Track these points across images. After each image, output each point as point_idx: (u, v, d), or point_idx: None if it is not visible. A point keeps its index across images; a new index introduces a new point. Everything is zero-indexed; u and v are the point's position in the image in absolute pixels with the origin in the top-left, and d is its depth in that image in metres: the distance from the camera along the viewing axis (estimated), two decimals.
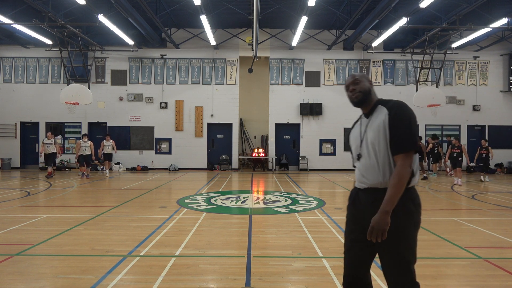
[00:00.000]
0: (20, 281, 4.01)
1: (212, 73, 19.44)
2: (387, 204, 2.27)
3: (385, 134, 2.37)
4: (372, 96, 2.60)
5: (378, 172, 2.39)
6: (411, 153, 2.33)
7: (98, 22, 14.28)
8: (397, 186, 2.27)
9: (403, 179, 2.28)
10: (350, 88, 2.61)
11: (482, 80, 19.61)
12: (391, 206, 2.27)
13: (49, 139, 14.77)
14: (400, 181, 2.28)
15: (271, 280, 4.09)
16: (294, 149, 19.83)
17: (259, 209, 8.40)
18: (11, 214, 7.72)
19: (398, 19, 14.84)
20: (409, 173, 2.30)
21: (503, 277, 4.28)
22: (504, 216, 7.94)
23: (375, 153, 2.41)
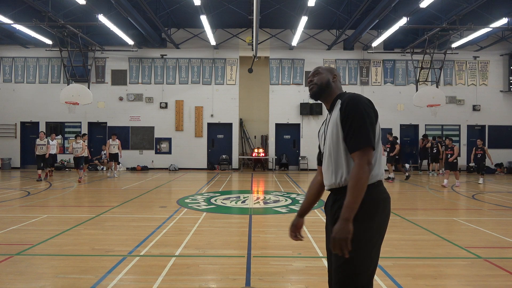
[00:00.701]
0: (20, 281, 4.01)
1: (212, 73, 19.44)
2: (346, 210, 2.00)
3: (337, 131, 2.16)
4: (333, 90, 2.37)
5: (333, 172, 2.21)
6: (367, 149, 2.06)
7: (98, 22, 14.28)
8: (355, 188, 2.01)
9: (361, 180, 2.02)
10: (309, 79, 2.43)
11: (482, 80, 19.61)
12: (351, 212, 2.00)
13: (41, 140, 14.02)
14: (357, 182, 2.02)
15: (271, 280, 4.09)
16: (294, 149, 19.83)
17: (259, 209, 8.40)
18: (11, 214, 7.72)
19: (398, 19, 14.83)
20: (367, 172, 2.03)
21: (503, 277, 4.28)
22: (504, 216, 7.94)
23: (331, 152, 2.21)
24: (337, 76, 2.42)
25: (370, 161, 2.06)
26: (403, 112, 19.32)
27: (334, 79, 2.39)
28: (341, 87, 2.42)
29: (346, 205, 2.01)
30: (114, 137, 15.71)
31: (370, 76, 19.47)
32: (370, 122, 2.10)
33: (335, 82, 2.39)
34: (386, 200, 2.18)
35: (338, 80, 2.42)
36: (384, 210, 2.15)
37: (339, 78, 2.44)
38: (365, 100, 2.17)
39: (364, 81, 19.48)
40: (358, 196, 2.01)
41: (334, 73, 2.41)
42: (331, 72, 2.41)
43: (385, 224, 2.18)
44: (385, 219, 2.16)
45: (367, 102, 2.15)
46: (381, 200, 2.14)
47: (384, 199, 2.16)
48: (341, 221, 2.00)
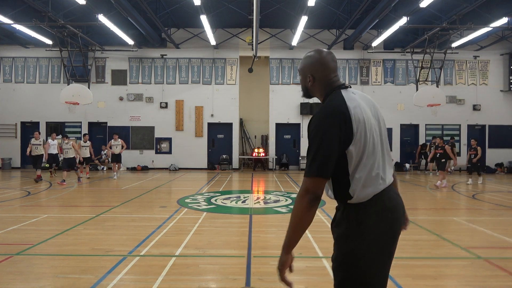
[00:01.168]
0: (20, 281, 4.01)
1: (212, 73, 19.44)
2: (285, 240, 1.92)
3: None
4: (316, 93, 2.10)
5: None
6: (310, 178, 1.82)
7: (98, 22, 14.28)
8: (290, 219, 1.87)
9: (294, 210, 1.85)
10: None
11: (482, 79, 19.60)
12: (287, 241, 1.91)
13: (36, 139, 13.52)
14: (292, 213, 1.86)
15: (271, 280, 4.08)
16: (294, 149, 19.83)
17: (259, 209, 8.40)
18: (11, 213, 7.72)
19: (398, 18, 14.83)
20: (303, 202, 1.81)
21: (503, 277, 4.28)
22: (504, 216, 7.94)
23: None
24: (315, 73, 2.04)
25: (313, 190, 1.81)
26: (403, 112, 19.31)
27: (311, 82, 2.06)
28: (328, 80, 2.03)
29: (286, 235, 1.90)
30: (115, 136, 15.03)
31: (370, 75, 19.47)
32: (323, 148, 1.81)
33: (316, 82, 2.05)
34: (382, 215, 1.89)
35: (319, 76, 2.03)
36: (379, 227, 1.87)
37: (321, 72, 2.03)
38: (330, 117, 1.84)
39: (364, 81, 19.47)
40: (293, 226, 1.86)
41: (309, 74, 2.06)
42: (305, 74, 2.08)
43: (384, 241, 1.90)
44: (382, 235, 1.88)
45: (328, 120, 1.84)
46: (372, 216, 1.87)
47: (378, 213, 1.88)
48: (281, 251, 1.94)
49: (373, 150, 1.90)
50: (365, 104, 1.98)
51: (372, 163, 1.89)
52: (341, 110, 1.86)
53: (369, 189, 1.88)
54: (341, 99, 1.91)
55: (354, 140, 1.84)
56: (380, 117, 2.03)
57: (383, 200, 1.90)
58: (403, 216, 2.03)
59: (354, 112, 1.86)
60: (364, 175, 1.87)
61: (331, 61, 2.05)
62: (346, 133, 1.83)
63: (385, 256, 1.93)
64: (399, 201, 2.01)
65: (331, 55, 2.08)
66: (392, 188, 1.99)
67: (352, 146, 1.84)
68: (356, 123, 1.85)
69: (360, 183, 1.87)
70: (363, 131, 1.86)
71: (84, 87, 15.36)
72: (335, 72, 2.05)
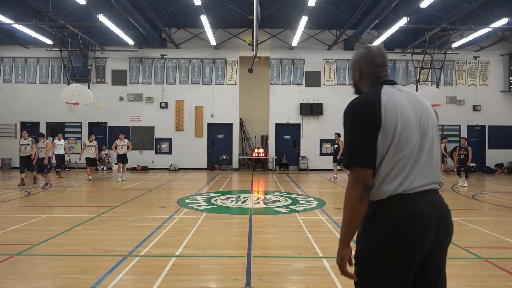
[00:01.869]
0: (20, 281, 4.01)
1: (212, 73, 19.44)
2: (340, 233, 1.87)
3: None
4: (363, 89, 2.09)
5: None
6: (354, 168, 1.80)
7: (98, 22, 14.28)
8: (343, 209, 1.84)
9: (346, 201, 1.81)
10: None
11: (482, 80, 19.60)
12: (342, 235, 1.85)
13: (25, 139, 12.46)
14: (344, 203, 1.83)
15: (271, 280, 4.09)
16: (294, 149, 19.83)
17: (259, 209, 8.40)
18: (11, 214, 7.72)
19: (398, 19, 14.83)
20: (353, 192, 1.78)
21: (503, 277, 4.28)
22: (504, 216, 7.94)
23: None
24: (364, 68, 2.05)
25: (359, 180, 1.78)
26: None
27: (358, 77, 2.08)
28: (375, 75, 2.02)
29: (341, 227, 1.87)
30: (122, 136, 14.18)
31: None
32: (355, 136, 1.82)
33: (363, 77, 2.06)
34: (401, 221, 1.77)
35: (366, 71, 2.04)
36: (397, 234, 1.76)
37: (368, 67, 2.04)
38: (357, 105, 1.86)
39: None
40: (346, 219, 1.82)
41: (358, 69, 2.08)
42: (354, 69, 2.10)
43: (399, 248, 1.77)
44: (398, 242, 1.76)
45: (356, 108, 1.85)
46: (387, 221, 1.79)
47: (395, 219, 1.78)
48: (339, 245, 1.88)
49: (404, 147, 1.81)
50: (408, 102, 1.89)
51: (401, 160, 1.81)
52: (371, 99, 1.85)
53: (388, 187, 1.81)
54: (377, 91, 1.90)
55: (382, 131, 1.79)
56: (427, 120, 1.92)
57: (406, 205, 1.79)
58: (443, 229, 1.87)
59: (386, 104, 1.82)
60: (387, 171, 1.81)
61: (379, 56, 2.03)
62: (374, 122, 1.80)
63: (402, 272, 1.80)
64: (435, 211, 1.85)
65: (379, 50, 2.06)
66: (429, 195, 1.85)
67: (380, 137, 1.80)
68: (385, 114, 1.80)
69: (381, 178, 1.82)
70: (394, 124, 1.80)
71: (84, 87, 15.35)
72: (383, 68, 2.03)
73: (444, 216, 1.89)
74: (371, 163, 1.80)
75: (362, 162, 1.79)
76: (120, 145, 13.98)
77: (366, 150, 1.80)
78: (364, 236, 1.86)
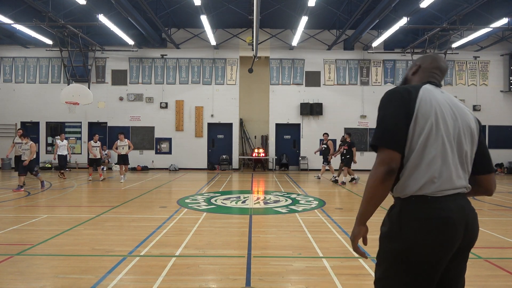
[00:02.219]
0: (20, 281, 4.01)
1: (212, 73, 19.45)
2: (358, 211, 1.89)
3: None
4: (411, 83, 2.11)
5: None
6: (380, 149, 1.81)
7: (98, 22, 14.29)
8: (365, 189, 1.83)
9: (369, 181, 1.80)
10: None
11: (482, 80, 19.61)
12: (359, 213, 1.87)
13: (20, 138, 11.73)
14: (366, 183, 1.83)
15: (271, 280, 4.09)
16: (294, 149, 19.83)
17: (259, 209, 8.40)
18: (11, 214, 7.72)
19: (398, 19, 14.83)
20: (376, 174, 1.77)
21: (503, 277, 4.28)
22: (504, 216, 7.94)
23: None
24: (424, 64, 2.08)
25: (384, 161, 1.77)
26: None
27: (414, 70, 2.10)
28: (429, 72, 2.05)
29: (360, 207, 1.88)
30: (121, 136, 13.68)
31: (371, 76, 19.47)
32: (385, 117, 1.84)
33: (419, 71, 2.08)
34: (427, 223, 1.74)
35: (425, 66, 2.07)
36: (424, 237, 1.73)
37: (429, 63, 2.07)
38: (394, 91, 1.89)
39: (364, 81, 19.48)
40: (365, 198, 1.82)
41: (417, 64, 2.11)
42: (414, 63, 2.14)
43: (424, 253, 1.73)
44: (424, 247, 1.73)
45: (392, 96, 1.87)
46: (415, 223, 1.75)
47: (422, 221, 1.75)
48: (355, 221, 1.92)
49: (434, 143, 1.79)
50: (447, 102, 1.89)
51: (430, 156, 1.79)
52: (409, 89, 1.88)
53: (415, 183, 1.79)
54: (418, 85, 1.92)
55: (414, 120, 1.80)
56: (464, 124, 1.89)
57: (435, 208, 1.76)
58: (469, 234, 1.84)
59: (422, 97, 1.84)
60: (415, 164, 1.80)
61: (442, 62, 2.08)
62: (408, 109, 1.81)
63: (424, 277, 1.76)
64: (464, 215, 1.82)
65: (445, 61, 2.12)
66: (458, 199, 1.83)
67: (411, 126, 1.80)
68: (420, 104, 1.81)
69: (408, 171, 1.81)
70: (426, 117, 1.80)
71: (84, 87, 15.37)
72: (440, 72, 2.06)
73: (471, 220, 1.86)
74: (399, 147, 1.79)
75: (390, 143, 1.79)
76: (121, 146, 13.56)
77: (396, 133, 1.79)
78: (388, 237, 1.83)
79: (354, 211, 8.24)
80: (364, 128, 19.42)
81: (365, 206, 1.83)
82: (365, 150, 19.42)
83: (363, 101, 19.42)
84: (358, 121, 19.43)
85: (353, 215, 7.86)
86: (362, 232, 1.88)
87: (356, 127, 19.38)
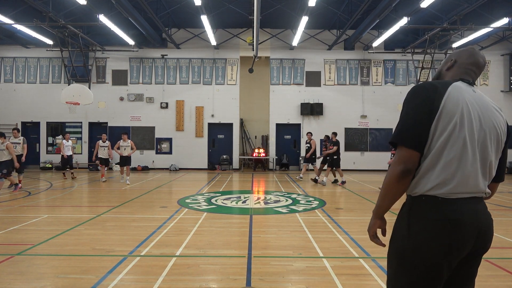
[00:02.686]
0: (21, 281, 4.01)
1: (213, 73, 19.45)
2: (376, 204, 1.92)
3: None
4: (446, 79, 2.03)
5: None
6: (399, 147, 1.79)
7: (98, 22, 14.30)
8: (383, 183, 1.85)
9: (386, 177, 1.81)
10: None
11: (483, 80, 19.60)
12: (376, 206, 1.90)
13: (15, 138, 11.41)
14: (384, 178, 1.83)
15: (271, 280, 4.09)
16: (294, 149, 19.83)
17: (260, 209, 8.40)
18: (11, 214, 7.72)
19: (398, 19, 14.83)
20: (393, 172, 1.76)
21: (504, 277, 4.28)
22: (504, 216, 7.94)
23: None
24: (460, 59, 2.01)
25: (402, 160, 1.75)
26: None
27: (450, 65, 2.03)
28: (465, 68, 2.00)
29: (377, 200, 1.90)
30: (125, 137, 13.09)
31: (371, 76, 19.47)
32: (409, 116, 1.78)
33: (454, 66, 2.02)
34: (437, 225, 1.70)
35: (461, 62, 2.01)
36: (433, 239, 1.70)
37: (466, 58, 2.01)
38: (420, 87, 1.82)
39: (364, 81, 19.48)
40: (382, 193, 1.84)
41: (451, 59, 2.04)
42: (449, 58, 2.06)
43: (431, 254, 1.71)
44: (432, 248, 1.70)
45: (417, 92, 1.81)
46: (425, 224, 1.72)
47: (433, 222, 1.71)
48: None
49: (455, 143, 1.73)
50: (476, 102, 1.83)
51: (449, 156, 1.73)
52: (436, 85, 1.81)
53: (428, 182, 1.75)
54: (448, 82, 1.86)
55: (438, 117, 1.74)
56: (492, 126, 1.84)
57: (445, 209, 1.71)
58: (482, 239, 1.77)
59: (450, 94, 1.77)
60: (432, 163, 1.75)
61: (480, 57, 2.00)
62: (432, 105, 1.75)
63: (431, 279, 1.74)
64: (476, 219, 1.74)
65: (483, 56, 2.04)
66: (471, 203, 1.75)
67: (434, 124, 1.74)
68: (446, 101, 1.75)
69: (423, 169, 1.77)
70: (451, 115, 1.74)
71: (85, 87, 15.36)
72: (477, 68, 2.00)
73: (485, 225, 1.78)
74: (419, 146, 1.75)
75: (410, 143, 1.75)
76: (123, 146, 13.00)
77: (417, 132, 1.75)
78: (397, 235, 1.83)
79: (355, 211, 8.24)
80: (364, 128, 19.42)
81: (381, 200, 1.85)
82: (366, 150, 19.43)
83: (364, 101, 19.42)
84: (359, 121, 19.42)
85: (353, 215, 7.87)
86: (377, 224, 1.92)
87: (357, 127, 19.38)
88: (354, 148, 19.39)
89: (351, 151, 19.32)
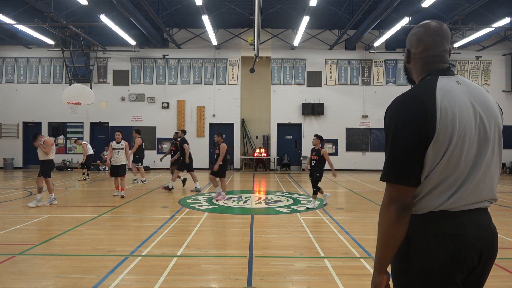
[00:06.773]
0: (22, 281, 4.02)
1: (214, 73, 19.45)
2: (375, 258, 1.61)
3: None
4: (413, 76, 1.77)
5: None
6: (392, 185, 1.51)
7: (100, 22, 14.31)
8: (378, 232, 1.57)
9: (380, 224, 1.55)
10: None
11: (484, 80, 19.57)
12: (377, 260, 1.59)
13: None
14: (378, 225, 1.57)
15: (272, 280, 4.09)
16: (295, 149, 19.82)
17: (261, 209, 8.40)
18: (13, 214, 7.74)
19: (400, 18, 14.81)
20: (388, 214, 1.51)
21: (505, 278, 4.27)
22: (505, 216, 7.92)
23: None
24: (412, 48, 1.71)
25: (395, 198, 1.50)
26: None
27: (407, 59, 1.74)
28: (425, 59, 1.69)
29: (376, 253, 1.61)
30: (118, 136, 10.50)
31: (372, 76, 19.45)
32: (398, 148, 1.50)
33: (411, 60, 1.73)
34: (437, 241, 1.50)
35: (414, 52, 1.70)
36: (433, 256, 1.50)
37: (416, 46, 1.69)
38: (405, 107, 1.51)
39: (366, 81, 19.46)
40: (381, 242, 1.56)
41: (407, 48, 1.74)
42: (406, 48, 1.76)
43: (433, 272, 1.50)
44: (433, 265, 1.50)
45: (404, 111, 1.50)
46: (424, 240, 1.52)
47: (433, 238, 1.50)
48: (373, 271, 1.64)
49: (458, 161, 1.50)
50: (469, 100, 1.56)
51: (451, 175, 1.50)
52: (421, 98, 1.49)
53: (431, 202, 1.52)
54: (430, 86, 1.54)
55: (434, 141, 1.47)
56: (490, 123, 1.59)
57: (446, 224, 1.51)
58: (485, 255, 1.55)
59: (442, 105, 1.47)
60: (432, 185, 1.52)
61: (433, 34, 1.63)
62: (426, 130, 1.46)
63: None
64: (479, 233, 1.53)
65: (435, 27, 1.64)
66: (474, 215, 1.54)
67: (431, 149, 1.47)
68: (440, 119, 1.46)
69: (424, 191, 1.53)
70: (450, 133, 1.47)
71: (86, 87, 15.39)
72: (435, 50, 1.66)
73: (488, 239, 1.56)
74: (414, 181, 1.50)
75: (402, 179, 1.49)
76: (117, 149, 10.19)
77: (409, 166, 1.48)
78: (397, 253, 1.58)
79: (356, 211, 8.23)
80: (365, 128, 19.40)
81: (382, 251, 1.56)
82: (367, 150, 19.41)
83: (365, 101, 19.40)
84: (360, 121, 19.40)
85: (354, 215, 7.86)
86: (384, 281, 1.60)
87: (358, 127, 19.36)
88: (355, 148, 19.37)
89: (352, 151, 19.31)
